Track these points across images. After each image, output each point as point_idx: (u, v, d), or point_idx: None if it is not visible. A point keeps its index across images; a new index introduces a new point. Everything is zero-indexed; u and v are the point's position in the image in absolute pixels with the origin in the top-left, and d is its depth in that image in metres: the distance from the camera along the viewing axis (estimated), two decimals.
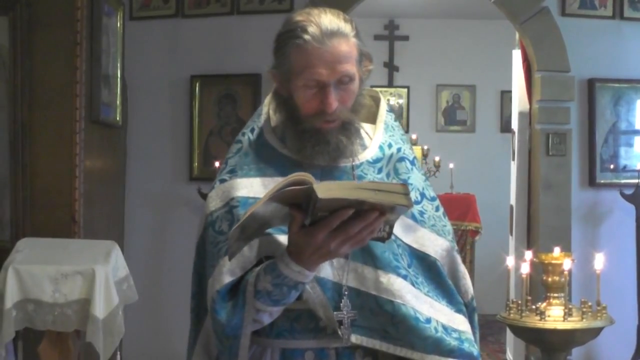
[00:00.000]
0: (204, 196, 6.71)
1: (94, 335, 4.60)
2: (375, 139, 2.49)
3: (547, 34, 6.91)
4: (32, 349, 4.96)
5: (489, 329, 9.56)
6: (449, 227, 2.50)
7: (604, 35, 6.97)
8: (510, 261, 5.36)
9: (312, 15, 2.31)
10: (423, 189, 2.49)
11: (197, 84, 7.12)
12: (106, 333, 4.69)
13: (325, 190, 1.99)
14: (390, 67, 11.50)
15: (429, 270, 2.41)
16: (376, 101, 2.57)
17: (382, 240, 2.21)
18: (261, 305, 2.24)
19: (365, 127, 2.50)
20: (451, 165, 9.91)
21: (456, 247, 2.50)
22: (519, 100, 7.48)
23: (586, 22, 6.97)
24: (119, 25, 6.61)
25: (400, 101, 11.51)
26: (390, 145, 2.49)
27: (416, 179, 2.49)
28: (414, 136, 10.02)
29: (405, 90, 11.52)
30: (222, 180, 2.43)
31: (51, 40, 5.62)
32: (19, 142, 5.56)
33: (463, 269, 2.50)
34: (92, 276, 4.68)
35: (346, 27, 2.31)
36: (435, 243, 2.42)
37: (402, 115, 11.48)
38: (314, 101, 2.31)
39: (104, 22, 6.17)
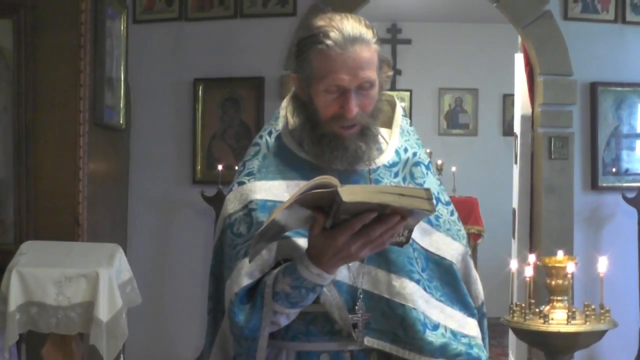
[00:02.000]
0: (207, 199, 6.73)
1: (98, 338, 4.61)
2: (392, 143, 2.51)
3: (550, 38, 6.92)
4: (36, 351, 4.97)
5: (492, 332, 9.41)
6: (463, 231, 2.52)
7: (606, 39, 6.98)
8: (513, 264, 5.36)
9: (334, 21, 2.32)
10: (438, 193, 2.51)
11: (201, 87, 7.13)
12: (110, 336, 4.70)
13: (349, 193, 1.99)
14: (393, 70, 11.50)
15: (445, 274, 2.42)
16: (392, 106, 2.59)
17: (401, 244, 2.23)
18: (279, 307, 2.25)
19: (382, 132, 2.51)
20: (453, 169, 9.92)
21: (469, 252, 2.51)
22: (522, 104, 7.49)
23: (588, 26, 6.98)
24: (122, 28, 6.62)
25: (403, 104, 11.47)
26: (406, 150, 2.51)
27: (431, 183, 2.51)
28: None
29: (408, 93, 11.53)
30: (241, 183, 2.44)
31: (55, 43, 5.64)
32: (23, 145, 5.58)
33: (475, 274, 2.51)
34: (95, 279, 4.69)
35: (368, 34, 2.33)
36: (451, 247, 2.44)
37: None
38: (334, 106, 2.32)
39: (108, 25, 6.18)
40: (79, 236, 5.56)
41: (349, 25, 2.31)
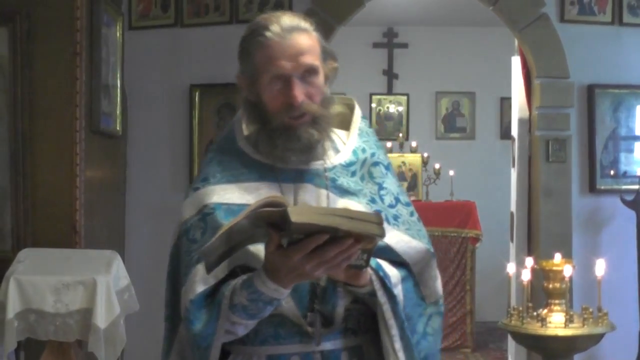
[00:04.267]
0: None
1: (96, 345, 4.61)
2: (349, 143, 2.52)
3: (546, 41, 6.92)
4: (34, 359, 4.96)
5: (491, 336, 9.56)
6: (424, 231, 2.52)
7: (603, 41, 6.97)
8: (511, 268, 5.35)
9: (273, 16, 2.37)
10: (398, 194, 2.52)
11: (197, 93, 7.12)
12: (108, 343, 4.69)
13: (298, 214, 2.02)
14: (390, 74, 11.51)
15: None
16: (351, 108, 2.61)
17: (360, 268, 2.24)
18: (237, 318, 2.26)
19: (340, 133, 2.54)
20: (451, 173, 9.91)
21: (432, 251, 2.50)
22: (519, 107, 7.48)
23: (585, 28, 6.98)
24: (118, 35, 6.62)
25: (400, 109, 11.51)
26: (364, 150, 2.52)
27: (391, 183, 2.52)
28: (414, 144, 10.03)
29: (405, 97, 11.54)
30: (196, 189, 2.46)
31: (51, 51, 5.63)
32: (19, 153, 5.57)
33: (436, 273, 2.51)
34: (93, 286, 4.69)
35: (306, 24, 2.38)
36: (410, 245, 2.43)
37: (401, 123, 11.49)
38: (280, 96, 2.35)
39: (104, 32, 6.18)
40: (76, 243, 5.55)
41: (286, 17, 2.37)
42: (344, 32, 7.19)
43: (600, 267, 5.05)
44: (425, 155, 9.75)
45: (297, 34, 2.33)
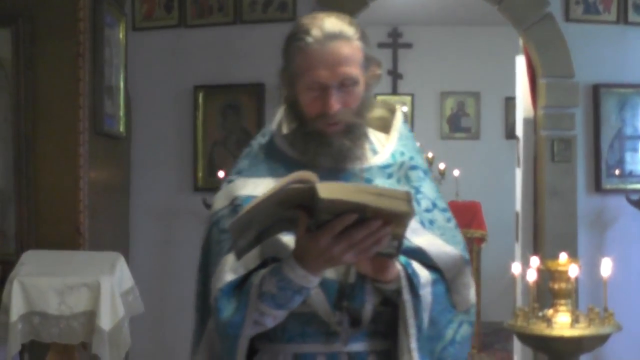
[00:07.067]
0: (209, 206, 6.70)
1: (100, 347, 4.60)
2: (388, 146, 2.50)
3: (551, 40, 6.90)
4: None
5: (496, 336, 9.54)
6: (459, 238, 2.48)
7: (608, 40, 6.96)
8: (516, 268, 5.32)
9: (317, 19, 2.34)
10: (435, 199, 2.48)
11: (201, 94, 7.11)
12: (112, 345, 4.69)
13: (327, 190, 1.99)
14: (394, 74, 11.50)
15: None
16: (392, 112, 2.61)
17: (391, 256, 2.19)
18: (265, 308, 2.23)
19: (379, 136, 2.53)
20: (456, 173, 9.90)
21: (467, 258, 2.45)
22: (524, 107, 7.48)
23: (590, 28, 6.96)
24: (121, 36, 6.61)
25: (405, 109, 11.49)
26: (402, 154, 2.50)
27: (428, 188, 2.49)
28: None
29: (410, 97, 11.52)
30: (229, 181, 2.46)
31: (54, 53, 5.63)
32: (23, 155, 5.56)
33: (469, 281, 2.45)
34: (97, 288, 4.68)
35: (349, 30, 2.33)
36: (443, 249, 2.39)
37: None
38: (317, 103, 2.33)
39: (107, 33, 6.17)
40: (80, 245, 5.54)
41: (330, 22, 2.32)
42: None
43: (606, 267, 5.02)
44: (430, 155, 9.73)
45: (337, 41, 2.29)
